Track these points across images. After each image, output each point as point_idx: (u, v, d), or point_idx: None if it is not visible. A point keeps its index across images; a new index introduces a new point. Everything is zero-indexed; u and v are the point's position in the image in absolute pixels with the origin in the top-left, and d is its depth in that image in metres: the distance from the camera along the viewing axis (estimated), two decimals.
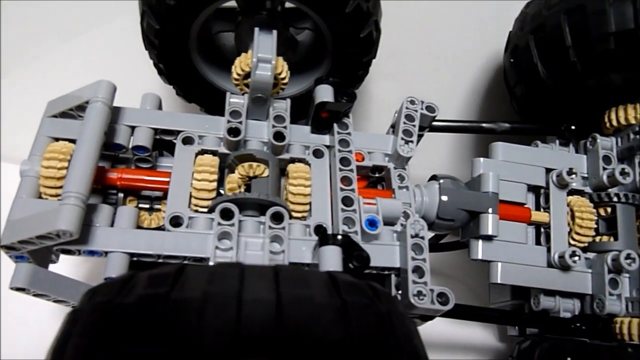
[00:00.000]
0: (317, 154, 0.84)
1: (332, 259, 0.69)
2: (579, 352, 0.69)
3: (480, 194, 0.84)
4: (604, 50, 0.77)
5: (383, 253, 0.78)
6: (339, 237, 0.71)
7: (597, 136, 0.90)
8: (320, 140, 0.85)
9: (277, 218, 0.73)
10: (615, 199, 0.87)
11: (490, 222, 0.83)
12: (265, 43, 0.79)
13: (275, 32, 0.81)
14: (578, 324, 0.84)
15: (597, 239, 0.90)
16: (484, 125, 0.93)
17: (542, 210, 0.90)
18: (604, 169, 0.88)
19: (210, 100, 0.95)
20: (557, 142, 0.95)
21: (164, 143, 0.83)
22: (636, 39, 0.74)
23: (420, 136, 0.92)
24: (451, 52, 1.15)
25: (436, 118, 0.88)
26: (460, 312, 0.84)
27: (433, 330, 1.12)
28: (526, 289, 0.91)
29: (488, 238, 0.84)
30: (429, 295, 0.72)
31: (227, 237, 0.70)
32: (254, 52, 0.78)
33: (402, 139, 0.85)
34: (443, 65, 1.17)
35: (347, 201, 0.78)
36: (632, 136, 0.87)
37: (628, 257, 0.82)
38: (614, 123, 0.89)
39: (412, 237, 0.77)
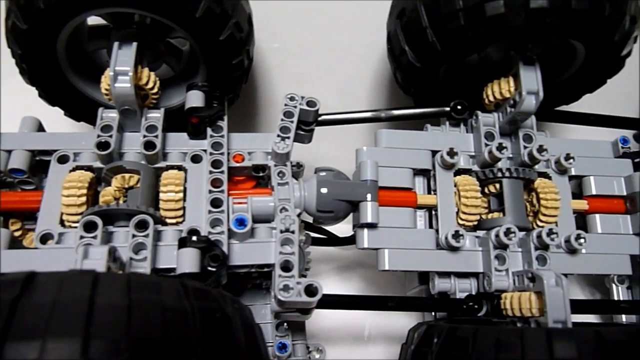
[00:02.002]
0: (195, 159, 0.85)
1: (187, 261, 0.71)
2: (449, 333, 0.68)
3: (358, 183, 0.84)
4: (456, 28, 0.77)
5: (258, 250, 0.79)
6: (195, 238, 0.71)
7: (479, 113, 0.90)
8: (199, 145, 0.86)
9: (141, 226, 0.74)
10: (499, 175, 0.86)
11: (369, 210, 0.83)
12: (123, 56, 0.80)
13: (134, 44, 0.82)
14: (471, 303, 0.83)
15: (489, 216, 0.90)
16: (368, 115, 0.93)
17: (432, 193, 0.89)
18: (486, 145, 0.87)
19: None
20: (447, 123, 0.94)
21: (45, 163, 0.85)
22: (483, 14, 0.74)
23: (309, 131, 0.93)
24: (349, 46, 1.16)
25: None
26: (354, 303, 0.85)
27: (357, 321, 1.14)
28: (427, 274, 0.91)
29: (372, 226, 0.84)
30: (296, 288, 0.72)
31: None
32: (111, 65, 0.79)
33: (279, 135, 0.85)
34: (345, 60, 1.18)
35: (216, 202, 0.79)
36: (509, 110, 0.87)
37: (508, 231, 0.81)
38: (491, 98, 0.89)
39: (282, 232, 0.78)
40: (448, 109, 0.92)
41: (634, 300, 0.90)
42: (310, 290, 0.72)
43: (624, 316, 1.07)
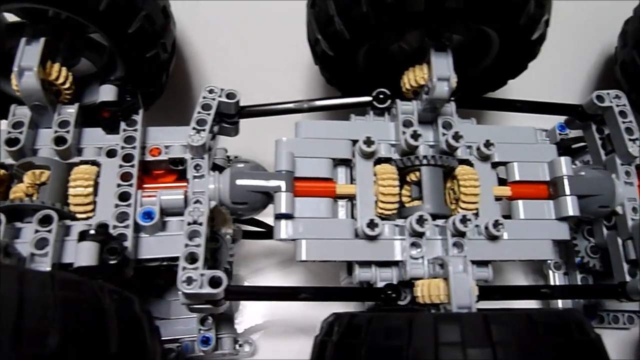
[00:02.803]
0: (110, 154, 0.84)
1: (84, 254, 0.70)
2: (348, 322, 0.68)
3: (272, 174, 0.84)
4: (359, 14, 0.76)
5: (168, 243, 0.79)
6: (92, 232, 0.71)
7: (397, 101, 0.90)
8: (115, 140, 0.85)
9: (45, 221, 0.74)
10: (417, 163, 0.86)
11: (283, 201, 0.82)
12: (29, 52, 0.80)
13: (42, 40, 0.81)
14: (389, 292, 0.83)
15: (412, 204, 0.89)
16: (291, 105, 0.93)
17: (353, 182, 0.89)
18: (404, 133, 0.87)
19: None
20: (371, 113, 0.94)
21: None
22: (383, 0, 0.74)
23: (233, 123, 0.92)
24: (282, 37, 1.16)
25: None
26: (265, 294, 0.84)
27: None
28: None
29: (289, 217, 0.84)
30: (199, 280, 0.72)
31: None
32: (16, 61, 0.79)
33: (194, 128, 0.85)
34: (280, 51, 1.18)
35: (124, 196, 0.79)
36: (424, 97, 0.86)
37: (421, 219, 0.81)
38: (408, 86, 0.88)
39: (190, 224, 0.77)
40: (370, 98, 0.92)
41: (554, 285, 0.90)
42: (215, 282, 0.72)
43: (560, 302, 1.08)
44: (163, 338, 0.92)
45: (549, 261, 1.13)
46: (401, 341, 0.60)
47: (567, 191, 0.89)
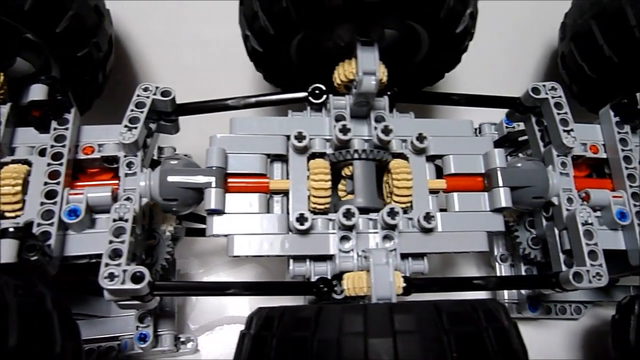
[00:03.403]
0: (42, 152, 0.85)
1: (3, 252, 0.71)
2: (265, 315, 0.68)
3: (202, 170, 0.85)
4: (281, 10, 0.77)
5: (95, 240, 0.80)
6: (11, 230, 0.72)
7: (330, 96, 0.90)
8: (47, 139, 0.86)
9: None
10: (348, 157, 0.86)
11: (212, 197, 0.83)
12: None
13: None
14: (321, 286, 0.84)
15: (346, 198, 0.90)
16: (228, 102, 0.93)
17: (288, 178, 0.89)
18: (335, 127, 0.87)
19: None
20: (309, 108, 0.95)
21: None
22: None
23: (172, 121, 0.93)
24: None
25: None
26: (194, 289, 0.85)
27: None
28: None
29: (219, 212, 0.84)
30: (122, 276, 0.73)
31: None
32: None
33: (126, 126, 0.85)
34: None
35: (51, 194, 0.79)
36: (354, 91, 0.87)
37: (348, 212, 0.81)
38: (339, 81, 0.89)
39: (115, 220, 0.78)
40: (306, 94, 0.92)
41: (487, 276, 0.90)
42: (137, 277, 0.73)
43: (506, 293, 1.09)
44: (102, 336, 0.94)
45: (495, 253, 1.15)
46: (308, 332, 0.61)
47: (500, 183, 0.90)
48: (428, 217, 0.86)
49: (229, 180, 0.87)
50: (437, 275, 1.19)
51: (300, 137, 0.87)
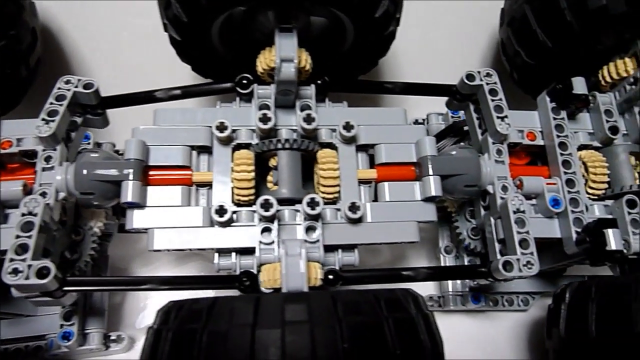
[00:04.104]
0: None
1: None
2: (166, 309, 0.67)
3: (119, 163, 0.83)
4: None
5: (7, 237, 0.77)
6: None
7: (255, 85, 0.88)
8: None
9: None
10: (272, 147, 0.84)
11: (129, 190, 0.81)
12: None
13: None
14: (244, 279, 0.82)
15: (273, 189, 0.88)
16: (156, 94, 0.91)
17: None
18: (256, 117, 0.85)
19: None
20: (238, 99, 0.93)
21: None
22: None
23: (99, 114, 0.91)
24: None
25: None
26: (109, 283, 0.82)
27: None
28: None
29: (138, 206, 0.82)
30: (26, 271, 0.71)
31: None
32: None
33: (43, 119, 0.83)
34: None
35: None
36: (275, 78, 0.85)
37: (266, 203, 0.79)
38: (261, 69, 0.87)
39: (24, 215, 0.76)
40: (233, 84, 0.90)
41: (418, 267, 0.88)
42: (42, 273, 0.71)
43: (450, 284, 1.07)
44: (29, 335, 0.92)
45: (440, 245, 1.13)
46: (199, 324, 0.59)
47: (430, 171, 0.88)
48: (354, 207, 0.84)
49: (151, 172, 0.85)
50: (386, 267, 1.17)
51: (221, 127, 0.85)
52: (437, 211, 1.09)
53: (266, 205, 0.79)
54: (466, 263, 1.06)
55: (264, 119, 0.83)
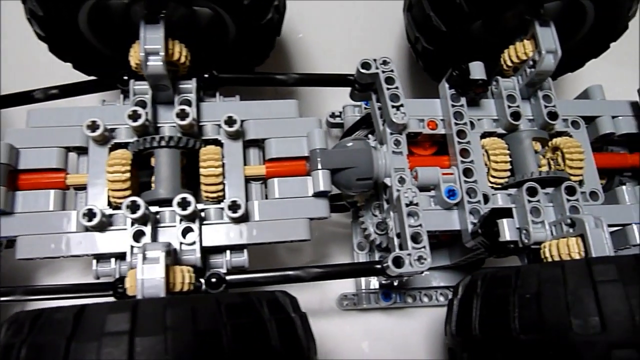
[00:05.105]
0: None
1: None
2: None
3: None
4: None
5: None
6: None
7: (131, 81, 0.84)
8: None
9: None
10: (147, 145, 0.80)
11: None
12: None
13: None
14: (120, 286, 0.78)
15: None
16: (34, 94, 0.87)
17: None
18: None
19: None
20: (122, 97, 0.88)
21: None
22: None
23: None
24: None
25: None
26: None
27: None
28: None
29: (6, 213, 0.78)
30: None
31: None
32: None
33: None
34: None
35: None
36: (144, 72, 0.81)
37: (132, 204, 0.74)
38: (133, 64, 0.82)
39: None
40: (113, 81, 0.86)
41: (308, 266, 0.84)
42: None
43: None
44: None
45: (353, 241, 1.09)
46: (62, 336, 0.54)
47: (319, 165, 0.84)
48: (234, 206, 0.80)
49: (22, 177, 0.81)
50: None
51: (93, 126, 0.80)
52: (350, 206, 1.06)
53: (133, 207, 0.75)
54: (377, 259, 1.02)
55: (134, 116, 0.79)
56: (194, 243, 0.78)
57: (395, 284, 1.04)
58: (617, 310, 0.60)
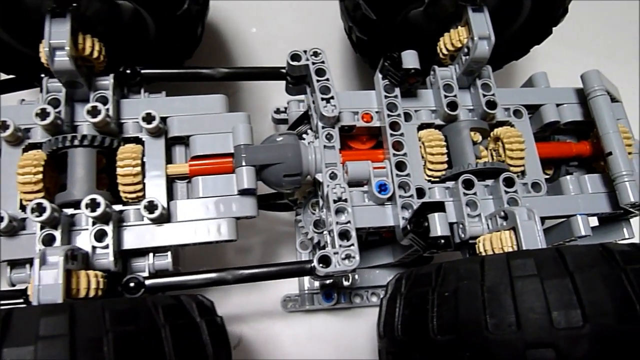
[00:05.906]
0: None
1: None
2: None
3: None
4: None
5: None
6: None
7: (44, 79, 0.80)
8: None
9: None
10: (60, 145, 0.76)
11: None
12: None
13: None
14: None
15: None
16: None
17: None
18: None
19: None
20: (41, 95, 0.84)
21: None
22: None
23: None
24: None
25: None
26: None
27: None
28: None
29: None
30: None
31: None
32: None
33: None
34: None
35: None
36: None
37: (38, 207, 0.70)
38: (44, 61, 0.78)
39: None
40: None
41: (230, 268, 0.80)
42: None
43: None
44: None
45: (296, 240, 1.05)
46: None
47: (243, 162, 0.80)
48: (151, 206, 0.76)
49: None
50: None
51: (3, 126, 0.77)
52: (293, 204, 1.03)
53: (39, 210, 0.71)
54: None
55: (42, 115, 0.75)
56: (107, 246, 0.74)
57: (328, 282, 1.01)
58: (532, 308, 0.57)
